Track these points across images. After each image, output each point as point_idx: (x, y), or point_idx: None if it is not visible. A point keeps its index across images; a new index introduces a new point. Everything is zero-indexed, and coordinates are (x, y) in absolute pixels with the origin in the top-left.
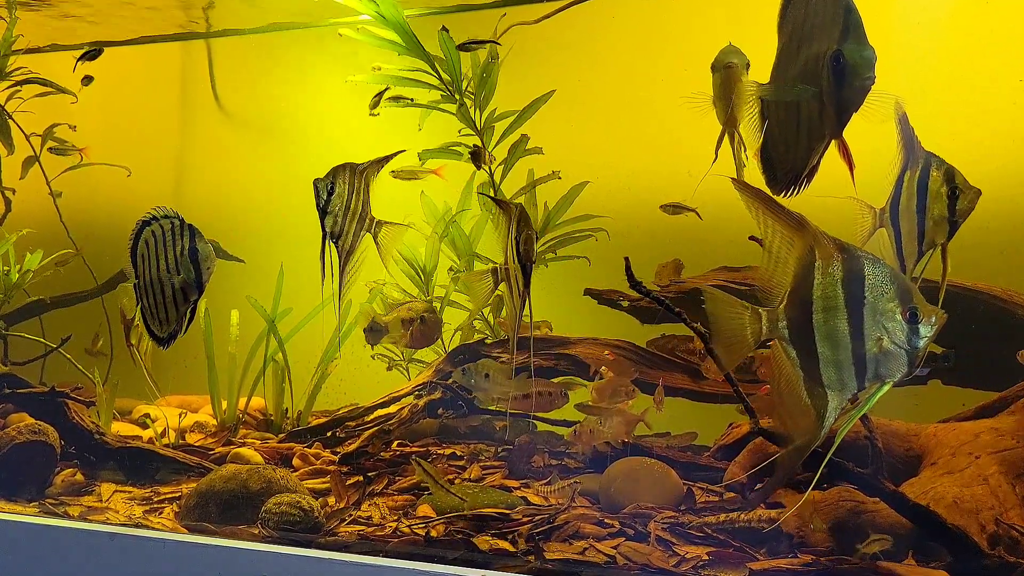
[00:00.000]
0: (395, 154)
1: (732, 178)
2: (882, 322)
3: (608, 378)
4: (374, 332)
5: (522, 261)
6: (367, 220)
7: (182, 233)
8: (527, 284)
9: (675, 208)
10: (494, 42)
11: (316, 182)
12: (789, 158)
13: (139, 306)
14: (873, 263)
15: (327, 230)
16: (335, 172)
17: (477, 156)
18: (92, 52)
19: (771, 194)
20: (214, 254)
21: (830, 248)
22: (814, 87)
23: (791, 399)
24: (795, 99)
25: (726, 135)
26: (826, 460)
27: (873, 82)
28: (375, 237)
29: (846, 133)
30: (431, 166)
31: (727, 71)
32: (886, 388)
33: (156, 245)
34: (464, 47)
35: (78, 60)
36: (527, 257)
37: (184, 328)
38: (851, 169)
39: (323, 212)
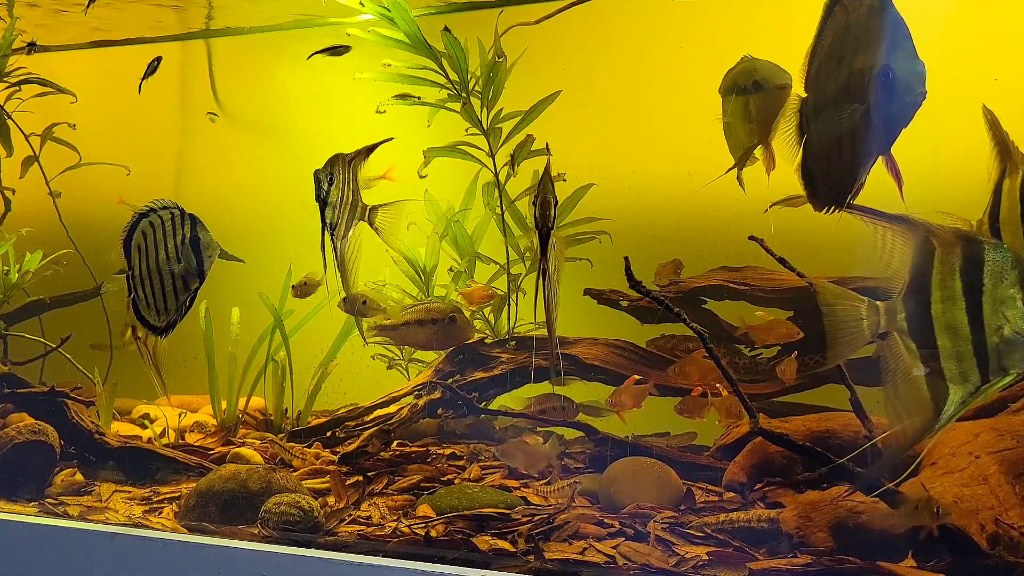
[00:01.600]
0: (382, 142)
1: (849, 207)
2: (1002, 310)
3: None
4: (347, 302)
5: (537, 226)
6: (359, 209)
7: (183, 222)
8: (544, 252)
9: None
10: (345, 48)
11: (317, 173)
12: (832, 173)
13: (131, 296)
14: (995, 249)
15: (327, 221)
16: (332, 162)
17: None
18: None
19: (813, 208)
20: (215, 242)
21: (949, 236)
22: (859, 103)
23: (908, 392)
24: (841, 116)
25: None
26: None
27: (924, 97)
28: (372, 223)
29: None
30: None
31: (781, 92)
32: (1007, 380)
33: (155, 235)
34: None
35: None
36: (543, 222)
37: (182, 316)
38: (899, 185)
39: (324, 203)
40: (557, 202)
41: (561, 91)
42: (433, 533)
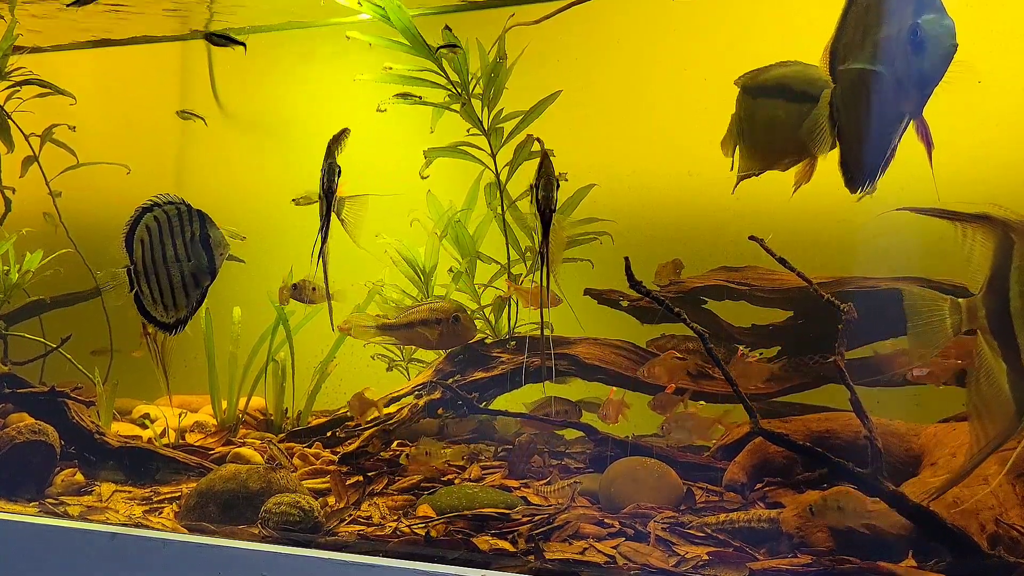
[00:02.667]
0: (345, 130)
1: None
2: None
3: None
4: (297, 289)
5: (540, 208)
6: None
7: (191, 219)
8: (546, 236)
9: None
10: (239, 43)
11: (331, 163)
12: (866, 153)
13: (133, 291)
14: None
15: (330, 211)
16: (332, 151)
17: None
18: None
19: (851, 194)
20: (226, 240)
21: None
22: (888, 69)
23: (991, 391)
24: (870, 89)
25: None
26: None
27: (956, 49)
28: (339, 215)
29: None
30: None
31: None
32: None
33: (160, 231)
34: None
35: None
36: (546, 204)
37: (193, 314)
38: (929, 151)
39: (332, 193)
40: (559, 184)
41: (561, 91)
42: (433, 533)
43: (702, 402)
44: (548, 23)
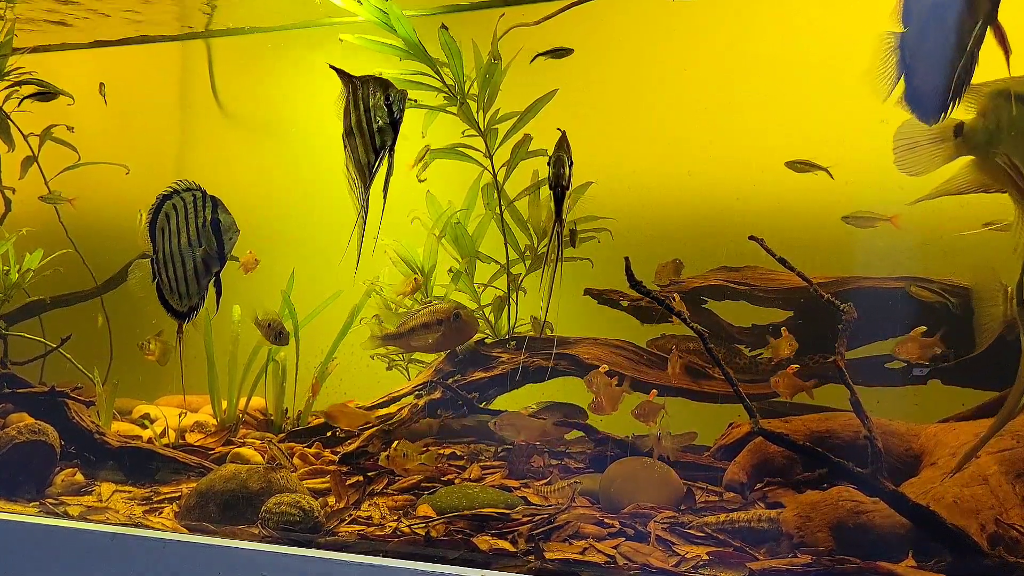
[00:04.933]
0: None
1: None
2: None
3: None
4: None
5: (551, 186)
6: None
7: (203, 204)
8: (558, 214)
9: (804, 165)
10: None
11: (391, 92)
12: (938, 75)
13: (155, 281)
14: None
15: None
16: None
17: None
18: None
19: (926, 126)
20: (236, 225)
21: None
22: None
23: None
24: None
25: None
26: None
27: None
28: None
29: None
30: None
31: None
32: None
33: (177, 217)
34: None
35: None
36: (556, 181)
37: (217, 303)
38: (1007, 55)
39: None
40: (572, 163)
41: (557, 90)
42: (433, 533)
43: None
44: (548, 23)
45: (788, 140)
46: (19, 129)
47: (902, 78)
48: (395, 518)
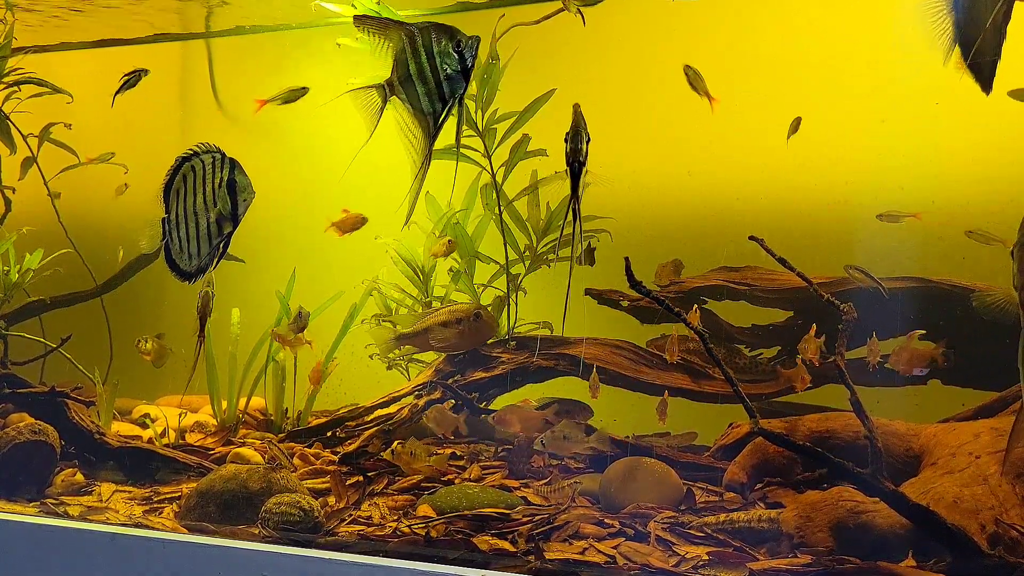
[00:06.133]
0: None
1: None
2: None
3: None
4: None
5: (568, 161)
6: None
7: (222, 165)
8: (575, 190)
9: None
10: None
11: (468, 36)
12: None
13: (164, 241)
14: None
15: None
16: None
17: None
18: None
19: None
20: (252, 187)
21: None
22: None
23: None
24: None
25: None
26: None
27: None
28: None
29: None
30: None
31: None
32: None
33: (194, 179)
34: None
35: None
36: (574, 156)
37: (215, 263)
38: None
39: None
40: (590, 139)
41: (555, 90)
42: (433, 533)
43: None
44: (548, 23)
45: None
46: (19, 130)
47: (957, 44)
48: (395, 518)
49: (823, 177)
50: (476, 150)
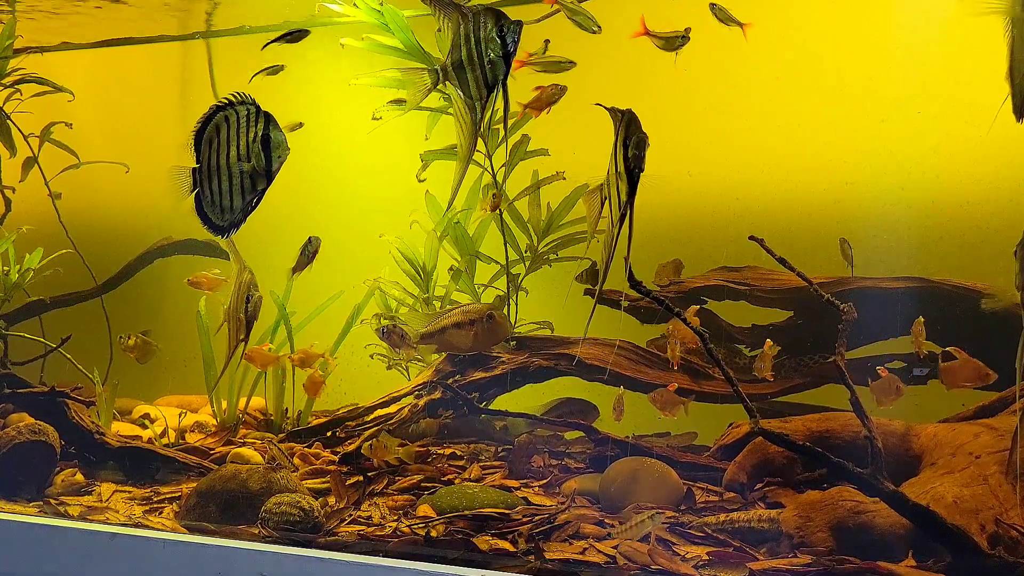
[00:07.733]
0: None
1: None
2: None
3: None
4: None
5: (629, 167)
6: None
7: (256, 119)
8: (632, 196)
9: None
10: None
11: (512, 20)
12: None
13: (195, 191)
14: None
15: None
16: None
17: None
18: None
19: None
20: (287, 143)
21: None
22: None
23: None
24: None
25: None
26: None
27: None
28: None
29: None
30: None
31: None
32: None
33: (228, 130)
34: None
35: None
36: (636, 163)
37: (245, 218)
38: None
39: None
40: (648, 145)
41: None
42: (433, 533)
43: None
44: (547, 22)
45: (788, 140)
46: (20, 130)
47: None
48: (395, 518)
49: (823, 177)
50: (478, 150)
